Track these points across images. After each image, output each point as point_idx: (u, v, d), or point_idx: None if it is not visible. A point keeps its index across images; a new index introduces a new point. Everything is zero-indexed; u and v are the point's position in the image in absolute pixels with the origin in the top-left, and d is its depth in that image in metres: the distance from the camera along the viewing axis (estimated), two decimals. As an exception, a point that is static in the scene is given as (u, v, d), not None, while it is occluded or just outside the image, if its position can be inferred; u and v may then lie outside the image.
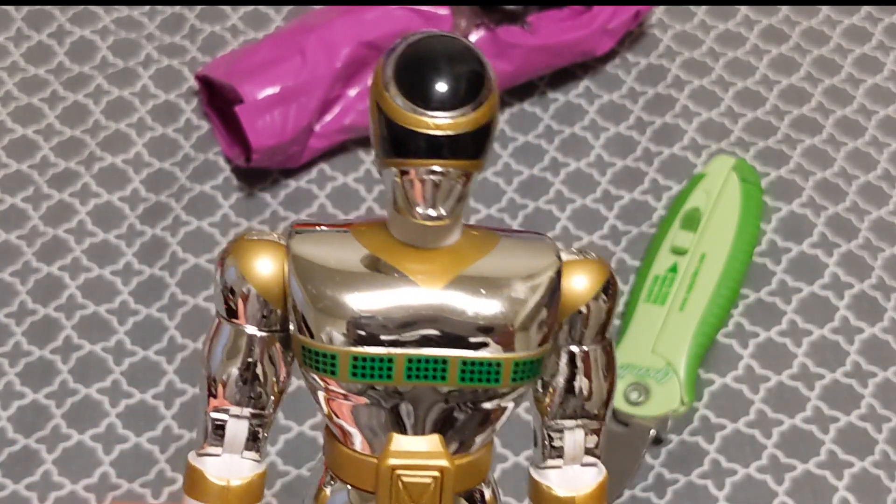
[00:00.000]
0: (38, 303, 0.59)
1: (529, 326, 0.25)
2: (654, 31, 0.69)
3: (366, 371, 0.25)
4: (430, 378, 0.25)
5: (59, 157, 0.64)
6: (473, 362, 0.25)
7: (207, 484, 0.27)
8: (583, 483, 0.28)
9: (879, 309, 0.58)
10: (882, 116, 0.65)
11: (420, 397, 0.26)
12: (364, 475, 0.26)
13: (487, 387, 0.25)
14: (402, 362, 0.25)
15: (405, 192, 0.25)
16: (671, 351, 0.55)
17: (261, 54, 0.63)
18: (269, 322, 0.26)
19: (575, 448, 0.28)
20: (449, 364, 0.25)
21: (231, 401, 0.27)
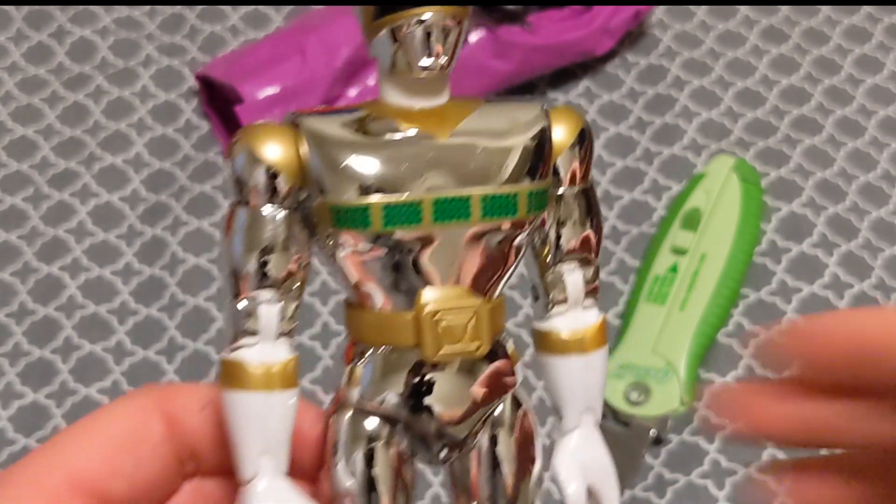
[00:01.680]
0: (38, 303, 0.59)
1: (533, 164, 0.28)
2: (654, 31, 0.69)
3: (396, 217, 0.27)
4: (456, 217, 0.27)
5: (59, 157, 0.64)
6: (493, 196, 0.27)
7: (248, 373, 0.28)
8: (586, 323, 0.30)
9: (880, 309, 0.58)
10: (882, 116, 0.65)
11: (443, 246, 0.28)
12: (401, 332, 0.28)
13: (507, 219, 0.28)
14: (429, 205, 0.27)
15: (403, 48, 0.27)
16: (671, 351, 0.55)
17: (261, 54, 0.63)
18: (285, 199, 0.27)
19: (576, 289, 0.30)
20: (471, 201, 0.27)
21: (258, 287, 0.27)
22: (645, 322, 0.56)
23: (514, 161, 0.28)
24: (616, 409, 0.54)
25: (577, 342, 0.30)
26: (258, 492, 0.28)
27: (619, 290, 0.59)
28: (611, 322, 0.58)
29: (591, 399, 0.31)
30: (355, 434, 0.29)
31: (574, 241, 0.30)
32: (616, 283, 0.60)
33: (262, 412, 0.28)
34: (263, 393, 0.28)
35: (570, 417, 0.31)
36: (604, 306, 0.58)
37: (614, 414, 0.54)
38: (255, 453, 0.28)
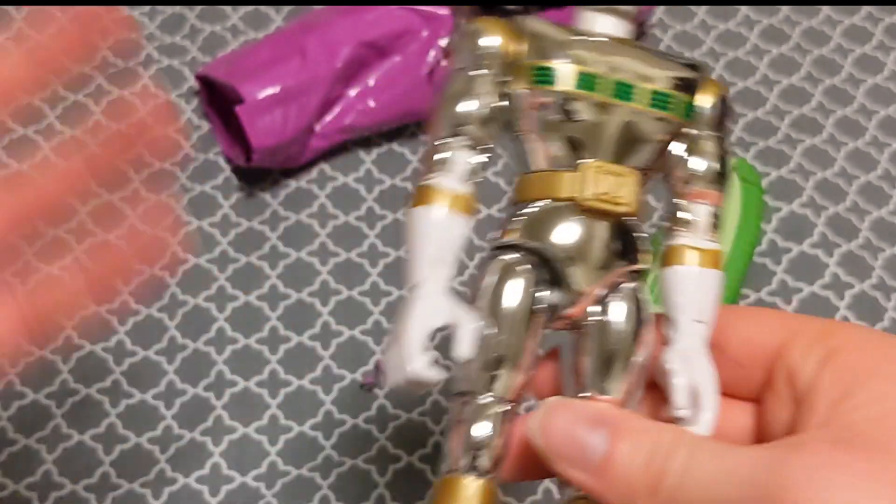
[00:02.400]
0: (38, 303, 0.59)
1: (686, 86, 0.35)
2: (654, 31, 0.69)
3: (587, 83, 0.33)
4: (628, 98, 0.34)
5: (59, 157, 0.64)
6: (657, 91, 0.34)
7: (438, 193, 0.33)
8: (706, 245, 0.35)
9: (880, 309, 0.58)
10: (882, 116, 0.65)
11: (613, 123, 0.34)
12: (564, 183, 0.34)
13: (664, 113, 0.35)
14: (611, 83, 0.33)
15: None
16: (671, 351, 0.55)
17: (261, 54, 0.63)
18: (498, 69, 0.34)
19: (705, 219, 0.36)
20: (641, 90, 0.34)
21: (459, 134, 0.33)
22: (645, 322, 0.56)
23: (675, 78, 0.35)
24: (616, 409, 0.54)
25: (696, 255, 0.35)
26: (426, 291, 0.33)
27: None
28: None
29: (702, 312, 0.35)
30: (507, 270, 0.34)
31: (704, 182, 0.36)
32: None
33: (443, 225, 0.33)
34: (447, 209, 0.33)
35: (682, 323, 0.34)
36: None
37: (614, 414, 0.54)
38: (428, 262, 0.33)
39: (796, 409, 0.33)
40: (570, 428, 0.33)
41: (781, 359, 0.34)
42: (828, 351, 0.33)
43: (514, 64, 0.34)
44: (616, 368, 0.34)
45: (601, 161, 0.34)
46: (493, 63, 0.34)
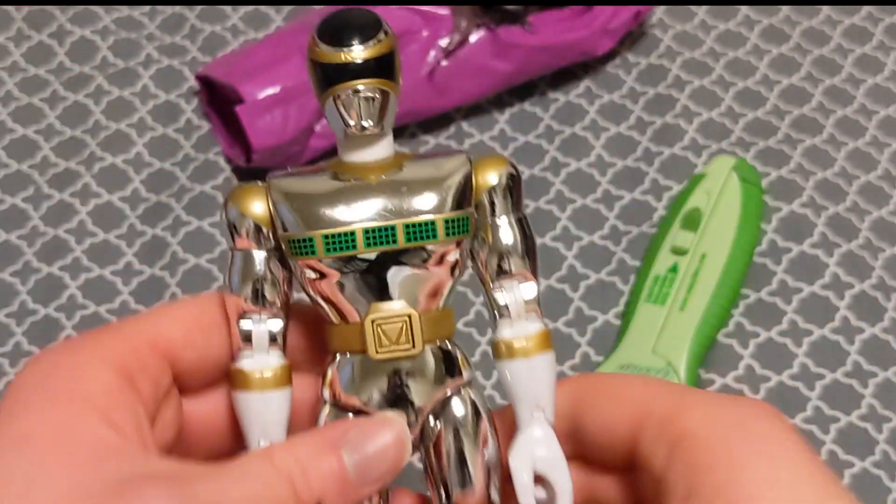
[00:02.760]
0: (38, 303, 0.59)
1: (452, 200, 0.35)
2: (654, 31, 0.69)
3: (336, 245, 0.34)
4: (384, 242, 0.34)
5: (59, 157, 0.64)
6: (414, 224, 0.34)
7: (247, 377, 0.35)
8: (528, 332, 0.35)
9: (880, 309, 0.58)
10: (883, 116, 0.65)
11: (383, 266, 0.34)
12: (354, 337, 0.35)
13: (428, 242, 0.34)
14: (361, 233, 0.34)
15: (341, 114, 0.34)
16: (671, 351, 0.55)
17: (261, 54, 0.63)
18: (265, 242, 0.35)
19: (516, 304, 0.36)
20: (396, 229, 0.34)
21: (253, 307, 0.35)
22: (645, 322, 0.56)
23: (434, 196, 0.34)
24: (616, 409, 0.54)
25: (521, 349, 0.35)
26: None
27: (620, 290, 0.59)
28: (611, 322, 0.58)
29: (539, 398, 0.35)
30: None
31: (510, 264, 0.36)
32: (616, 283, 0.60)
33: (260, 406, 0.35)
34: (258, 392, 0.35)
35: (522, 415, 0.36)
36: (604, 306, 0.59)
37: (614, 414, 0.54)
38: (256, 437, 0.35)
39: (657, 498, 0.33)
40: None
41: (636, 447, 0.34)
42: (674, 438, 0.33)
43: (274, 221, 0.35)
44: (468, 464, 0.36)
45: (383, 306, 0.34)
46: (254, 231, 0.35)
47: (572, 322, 0.58)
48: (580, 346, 0.58)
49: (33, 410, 0.32)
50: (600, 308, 0.59)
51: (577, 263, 0.60)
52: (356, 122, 0.34)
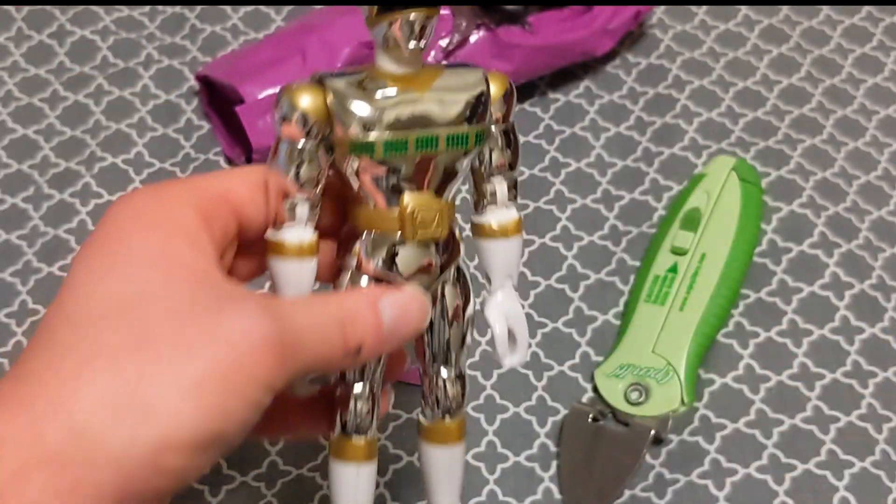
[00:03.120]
0: (38, 303, 0.59)
1: (479, 111, 0.41)
2: (654, 32, 0.69)
3: (391, 148, 0.39)
4: (429, 147, 0.40)
5: (59, 157, 0.64)
6: (454, 135, 0.40)
7: (289, 247, 0.40)
8: (509, 217, 0.43)
9: (880, 309, 0.58)
10: (882, 116, 0.65)
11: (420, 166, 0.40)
12: (389, 222, 0.41)
13: (463, 149, 0.41)
14: (413, 140, 0.40)
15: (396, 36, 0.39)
16: (671, 351, 0.55)
17: (261, 54, 0.63)
18: (315, 134, 0.39)
19: (502, 194, 0.43)
20: (439, 138, 0.40)
21: (297, 189, 0.40)
22: (645, 322, 0.56)
23: (467, 110, 0.40)
24: (616, 409, 0.54)
25: (502, 230, 0.43)
26: None
27: (619, 290, 0.59)
28: (611, 322, 0.58)
29: (510, 269, 0.44)
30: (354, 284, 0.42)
31: (499, 161, 0.42)
32: (616, 283, 0.60)
33: (297, 271, 0.40)
34: (297, 260, 0.40)
35: (496, 281, 0.44)
36: (604, 306, 0.59)
37: (614, 414, 0.54)
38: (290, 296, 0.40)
39: None
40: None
41: None
42: None
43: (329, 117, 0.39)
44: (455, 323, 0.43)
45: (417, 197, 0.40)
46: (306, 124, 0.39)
47: (572, 322, 0.58)
48: (580, 346, 0.58)
49: (132, 236, 0.37)
50: (600, 308, 0.59)
51: (576, 263, 0.60)
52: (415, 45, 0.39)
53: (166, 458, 0.33)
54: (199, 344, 0.34)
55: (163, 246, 0.37)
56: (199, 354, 0.34)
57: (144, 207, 0.38)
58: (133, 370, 0.33)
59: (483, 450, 0.54)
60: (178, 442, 0.34)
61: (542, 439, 0.55)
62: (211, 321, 0.35)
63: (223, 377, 0.34)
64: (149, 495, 0.34)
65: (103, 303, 0.35)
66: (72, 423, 0.33)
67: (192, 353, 0.34)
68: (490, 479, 0.54)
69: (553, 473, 0.54)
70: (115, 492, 0.33)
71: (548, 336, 0.58)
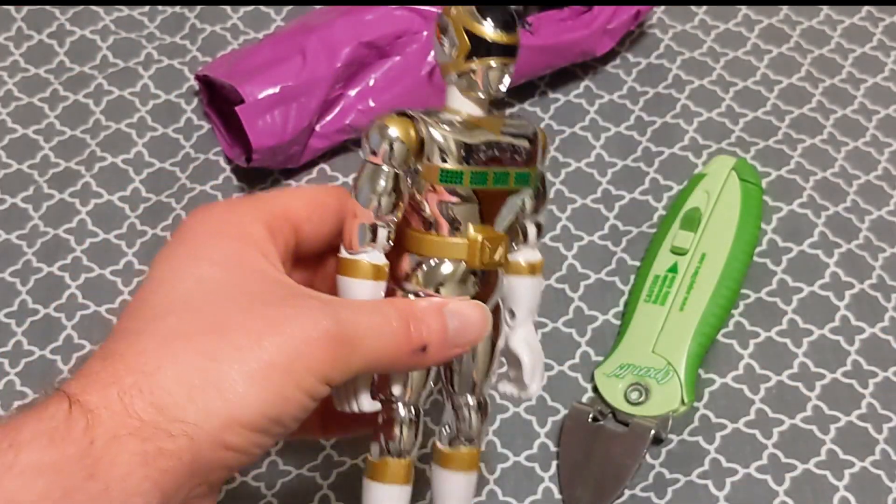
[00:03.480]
0: (38, 303, 0.59)
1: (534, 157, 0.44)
2: (654, 31, 0.69)
3: (476, 179, 0.42)
4: (502, 183, 0.43)
5: (59, 157, 0.64)
6: (520, 173, 0.43)
7: (365, 267, 0.42)
8: (536, 258, 0.46)
9: (880, 309, 0.58)
10: (882, 116, 0.65)
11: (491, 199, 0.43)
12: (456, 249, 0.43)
13: (524, 186, 0.44)
14: (491, 174, 0.43)
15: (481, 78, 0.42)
16: (671, 351, 0.55)
17: (261, 54, 0.63)
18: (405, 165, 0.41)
19: (532, 235, 0.46)
20: (510, 175, 0.43)
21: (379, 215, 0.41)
22: (645, 322, 0.56)
23: (531, 153, 0.44)
24: (616, 409, 0.54)
25: (531, 269, 0.46)
26: None
27: (620, 290, 0.59)
28: (611, 322, 0.58)
29: (533, 306, 0.47)
30: None
31: (533, 204, 0.45)
32: (616, 283, 0.60)
33: (371, 291, 0.42)
34: (373, 281, 0.42)
35: (521, 316, 0.46)
36: (604, 306, 0.59)
37: (614, 414, 0.54)
38: None
39: None
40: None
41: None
42: None
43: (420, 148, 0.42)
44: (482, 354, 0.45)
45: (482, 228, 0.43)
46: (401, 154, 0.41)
47: (572, 322, 0.58)
48: (580, 345, 0.58)
49: (209, 241, 0.40)
50: (600, 308, 0.59)
51: (576, 263, 0.60)
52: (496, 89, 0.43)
53: (231, 435, 0.36)
54: (265, 334, 0.37)
55: (236, 251, 0.40)
56: (265, 344, 0.37)
57: (219, 219, 0.41)
58: (207, 353, 0.37)
59: (483, 450, 0.54)
60: (242, 422, 0.36)
61: (542, 439, 0.55)
62: (277, 314, 0.38)
63: (284, 366, 0.37)
64: (215, 470, 0.37)
65: (183, 294, 0.38)
66: (153, 398, 0.36)
67: (259, 342, 0.37)
68: (490, 479, 0.54)
69: (553, 473, 0.54)
70: (189, 462, 0.36)
71: (548, 336, 0.58)
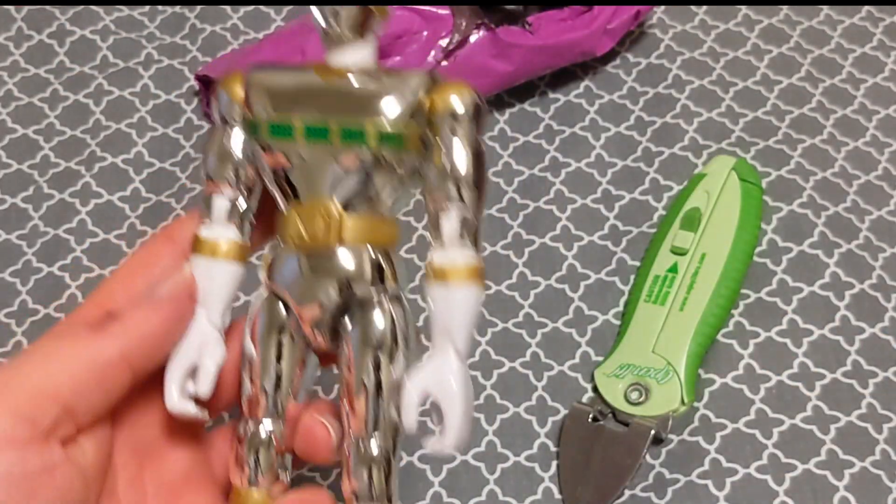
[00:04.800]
0: (38, 303, 0.59)
1: (399, 110, 0.35)
2: (654, 31, 0.69)
3: (278, 131, 0.36)
4: (322, 137, 0.35)
5: (59, 157, 0.64)
6: (348, 128, 0.35)
7: (201, 242, 0.38)
8: (452, 260, 0.36)
9: (880, 309, 0.58)
10: (882, 116, 0.65)
11: (322, 162, 0.36)
12: (284, 225, 0.37)
13: (359, 146, 0.35)
14: (301, 126, 0.35)
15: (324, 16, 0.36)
16: (671, 351, 0.55)
17: (261, 54, 0.63)
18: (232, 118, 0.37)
19: (450, 232, 0.36)
20: (331, 129, 0.35)
21: (219, 185, 0.37)
22: (645, 322, 0.56)
23: (378, 105, 0.35)
24: (616, 409, 0.54)
25: (440, 273, 0.36)
26: (189, 328, 0.38)
27: (619, 290, 0.59)
28: (611, 322, 0.58)
29: (451, 329, 0.36)
30: (270, 315, 0.38)
31: (457, 190, 0.36)
32: (616, 283, 0.60)
33: (203, 272, 0.38)
34: (205, 258, 0.38)
35: (435, 342, 0.36)
36: (603, 306, 0.59)
37: (614, 414, 0.54)
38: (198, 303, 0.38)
39: None
40: None
41: None
42: None
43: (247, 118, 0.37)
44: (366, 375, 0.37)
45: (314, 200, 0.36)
46: (232, 111, 0.37)
47: (572, 322, 0.58)
48: (580, 346, 0.58)
49: None
50: (600, 308, 0.59)
51: (576, 263, 0.60)
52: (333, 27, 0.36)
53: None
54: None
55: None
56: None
57: None
58: None
59: (483, 450, 0.54)
60: None
61: (542, 439, 0.55)
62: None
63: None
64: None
65: None
66: None
67: None
68: (490, 479, 0.54)
69: (553, 473, 0.54)
70: None
71: (548, 336, 0.58)
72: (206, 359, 0.38)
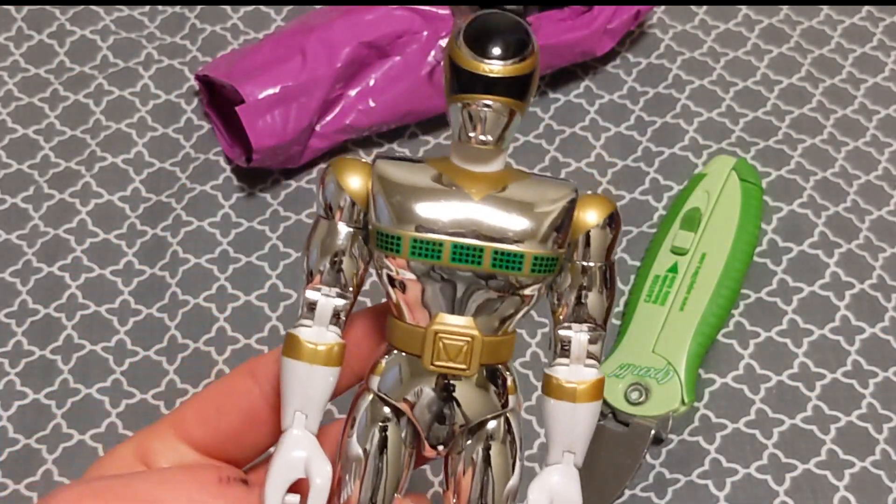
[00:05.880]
0: (38, 303, 0.59)
1: (546, 234, 0.34)
2: (654, 31, 0.69)
3: (421, 251, 0.34)
4: (470, 261, 0.34)
5: (59, 157, 0.64)
6: (503, 252, 0.34)
7: (301, 346, 0.35)
8: (581, 377, 0.36)
9: (880, 309, 0.58)
10: (882, 116, 0.65)
11: (463, 282, 0.34)
12: (414, 341, 0.35)
13: (512, 273, 0.34)
14: (449, 247, 0.34)
15: (464, 122, 0.34)
16: (671, 351, 0.55)
17: (261, 54, 0.63)
18: (355, 220, 0.35)
19: (580, 349, 0.36)
20: (484, 252, 0.34)
21: (322, 283, 0.35)
22: (645, 322, 0.56)
23: (530, 227, 0.34)
24: (616, 409, 0.54)
25: (570, 392, 0.36)
26: (289, 437, 0.36)
27: (620, 290, 0.59)
28: (611, 322, 0.58)
29: (573, 443, 0.36)
30: (373, 414, 0.36)
31: (586, 309, 0.36)
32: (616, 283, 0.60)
33: (305, 378, 0.35)
34: (307, 364, 0.35)
35: (552, 453, 0.36)
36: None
37: (614, 414, 0.54)
38: (293, 408, 0.35)
39: None
40: None
41: None
42: None
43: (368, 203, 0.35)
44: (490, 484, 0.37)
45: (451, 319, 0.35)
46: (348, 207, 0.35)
47: (572, 322, 0.58)
48: (580, 345, 0.58)
49: None
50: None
51: (577, 263, 0.60)
52: (476, 136, 0.34)
53: None
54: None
55: None
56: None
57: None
58: None
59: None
60: None
61: (543, 439, 0.55)
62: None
63: None
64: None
65: None
66: None
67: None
68: (490, 479, 0.54)
69: (553, 473, 0.54)
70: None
71: (548, 336, 0.58)
72: (316, 478, 0.35)
